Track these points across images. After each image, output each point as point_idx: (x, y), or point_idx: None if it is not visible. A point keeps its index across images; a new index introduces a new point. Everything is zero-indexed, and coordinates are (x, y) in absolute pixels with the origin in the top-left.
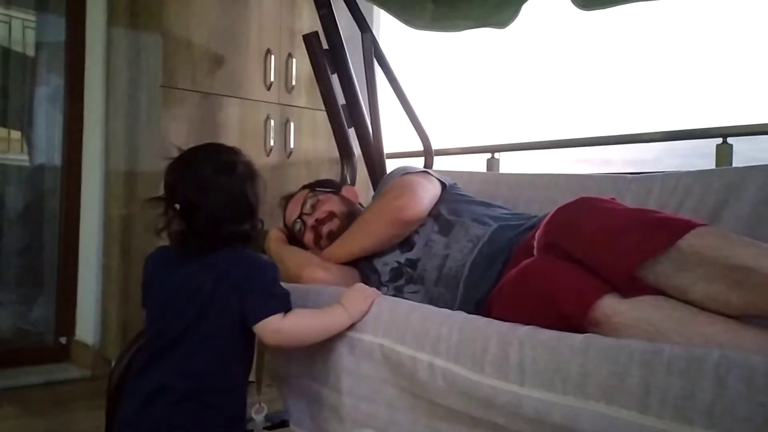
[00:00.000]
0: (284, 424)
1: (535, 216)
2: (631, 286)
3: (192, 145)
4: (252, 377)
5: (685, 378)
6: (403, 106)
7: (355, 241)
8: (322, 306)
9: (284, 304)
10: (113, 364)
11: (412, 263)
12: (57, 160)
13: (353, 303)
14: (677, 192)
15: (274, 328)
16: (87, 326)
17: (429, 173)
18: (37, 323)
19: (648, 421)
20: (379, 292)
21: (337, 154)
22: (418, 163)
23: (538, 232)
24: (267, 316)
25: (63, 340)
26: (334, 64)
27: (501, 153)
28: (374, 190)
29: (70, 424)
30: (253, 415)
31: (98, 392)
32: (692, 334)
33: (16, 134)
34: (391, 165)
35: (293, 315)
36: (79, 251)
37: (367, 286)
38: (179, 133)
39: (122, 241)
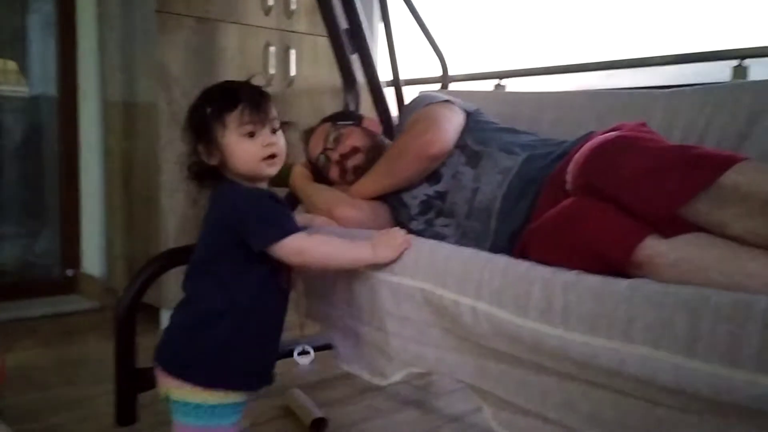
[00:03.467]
0: (328, 347)
1: (564, 141)
2: (671, 225)
3: (191, 73)
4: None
5: (733, 323)
6: (419, 26)
7: (383, 179)
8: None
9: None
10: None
11: (441, 195)
12: (54, 90)
13: (382, 243)
14: (707, 108)
15: (297, 246)
16: (93, 258)
17: (451, 101)
18: (43, 256)
19: (695, 364)
20: (410, 239)
21: (339, 82)
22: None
23: (573, 169)
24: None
25: (70, 272)
26: None
27: (507, 79)
28: (378, 114)
29: (82, 353)
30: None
31: (108, 323)
32: (733, 270)
33: (12, 65)
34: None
35: (317, 237)
36: (80, 183)
37: (401, 231)
38: (177, 61)
39: (123, 172)
